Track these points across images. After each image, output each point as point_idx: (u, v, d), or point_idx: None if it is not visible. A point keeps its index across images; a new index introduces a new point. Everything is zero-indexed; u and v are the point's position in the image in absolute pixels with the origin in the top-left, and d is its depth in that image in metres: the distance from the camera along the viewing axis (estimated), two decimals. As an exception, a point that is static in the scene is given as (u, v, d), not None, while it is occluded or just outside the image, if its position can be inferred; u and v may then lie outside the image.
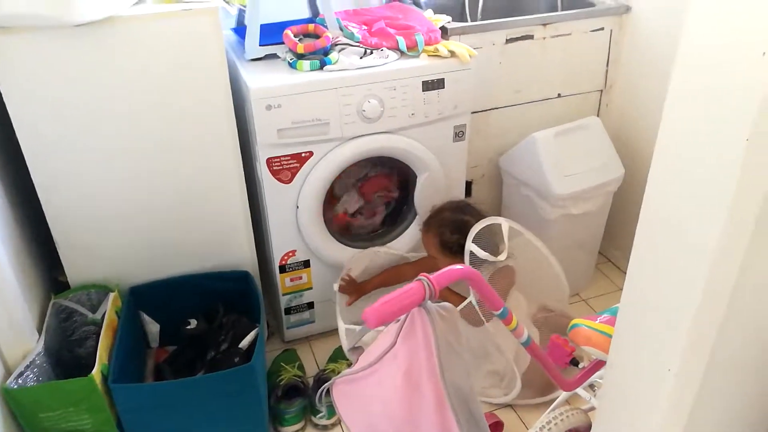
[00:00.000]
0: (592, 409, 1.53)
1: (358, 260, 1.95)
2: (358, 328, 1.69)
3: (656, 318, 0.86)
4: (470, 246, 1.61)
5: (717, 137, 0.72)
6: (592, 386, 1.56)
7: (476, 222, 1.68)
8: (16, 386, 1.42)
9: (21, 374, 1.45)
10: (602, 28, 2.14)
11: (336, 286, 1.90)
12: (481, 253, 1.61)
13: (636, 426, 0.93)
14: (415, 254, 2.02)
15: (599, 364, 1.45)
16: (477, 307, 1.56)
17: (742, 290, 0.79)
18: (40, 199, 1.59)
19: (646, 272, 0.88)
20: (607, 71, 2.24)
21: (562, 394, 1.56)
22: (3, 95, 1.45)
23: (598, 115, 2.28)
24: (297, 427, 1.77)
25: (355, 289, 1.94)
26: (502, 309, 1.12)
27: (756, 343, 0.90)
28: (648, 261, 0.87)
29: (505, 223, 1.72)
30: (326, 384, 1.17)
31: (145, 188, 1.67)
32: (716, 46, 0.71)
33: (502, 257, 1.66)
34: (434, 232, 1.78)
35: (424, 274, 0.98)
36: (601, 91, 2.28)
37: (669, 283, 0.83)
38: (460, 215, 1.78)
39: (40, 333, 1.58)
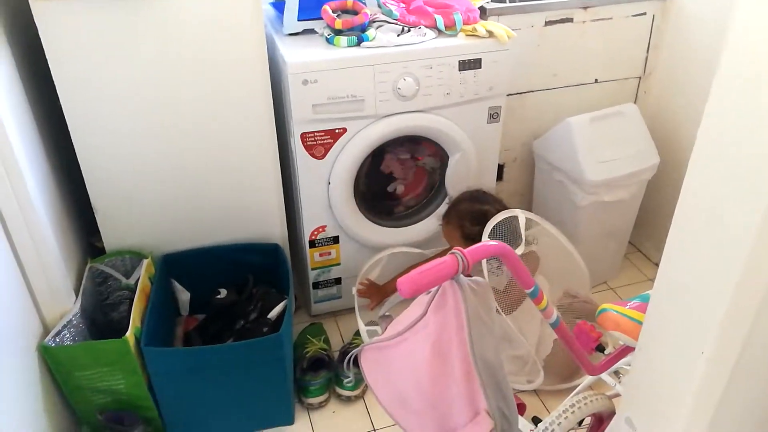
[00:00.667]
0: (616, 395, 1.52)
1: (375, 263, 1.96)
2: (378, 328, 1.72)
3: (691, 302, 0.86)
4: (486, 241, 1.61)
5: (763, 124, 0.71)
6: (617, 373, 1.55)
7: (495, 210, 1.70)
8: (53, 344, 1.47)
9: (58, 333, 1.50)
10: (644, 13, 2.10)
11: (354, 290, 1.92)
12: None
13: (665, 410, 0.92)
14: (433, 249, 2.02)
15: (626, 350, 1.44)
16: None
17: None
18: (81, 166, 1.63)
19: (683, 256, 0.88)
20: (647, 58, 2.20)
21: (587, 379, 1.55)
22: (49, 62, 1.48)
23: (635, 103, 2.25)
24: (321, 398, 1.80)
25: (376, 291, 1.95)
26: (533, 287, 1.12)
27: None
28: (685, 245, 0.86)
29: (521, 215, 1.72)
30: (355, 350, 1.18)
31: (181, 158, 1.70)
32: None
33: (519, 251, 1.66)
34: (455, 224, 1.79)
35: (458, 248, 0.98)
36: (640, 78, 2.24)
37: (705, 267, 0.83)
38: (478, 205, 1.78)
39: (77, 295, 1.63)
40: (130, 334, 1.50)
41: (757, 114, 0.73)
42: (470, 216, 1.76)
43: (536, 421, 1.50)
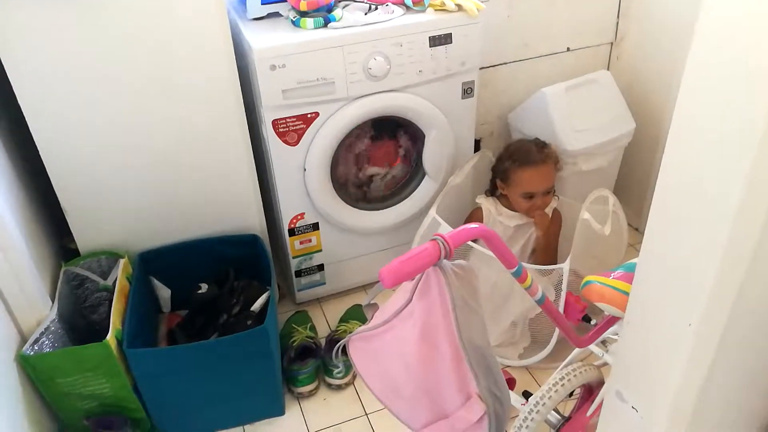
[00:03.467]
0: (605, 364, 1.54)
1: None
2: None
3: (676, 273, 0.85)
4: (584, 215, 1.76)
5: (743, 89, 0.70)
6: (604, 342, 1.56)
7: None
8: (32, 353, 1.44)
9: (36, 341, 1.46)
10: (613, -22, 2.08)
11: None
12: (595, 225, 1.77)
13: (655, 382, 0.92)
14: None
15: (612, 320, 1.44)
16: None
17: (764, 245, 0.78)
18: (46, 166, 1.58)
19: (666, 228, 0.87)
20: (617, 23, 2.18)
21: (575, 351, 1.56)
22: (2, 61, 1.42)
23: (608, 69, 2.23)
24: (310, 387, 1.79)
25: None
26: (516, 267, 1.10)
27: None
28: (669, 215, 0.85)
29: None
30: (342, 340, 1.17)
31: (151, 152, 1.65)
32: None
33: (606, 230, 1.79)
34: (552, 157, 1.88)
35: (439, 233, 0.96)
36: (612, 44, 2.22)
37: (690, 237, 0.82)
38: (528, 139, 1.94)
39: (53, 300, 1.59)
40: (111, 337, 1.47)
41: (735, 76, 0.71)
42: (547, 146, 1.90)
43: (527, 395, 1.51)
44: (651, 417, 0.95)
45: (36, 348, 1.46)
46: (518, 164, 1.85)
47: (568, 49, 2.16)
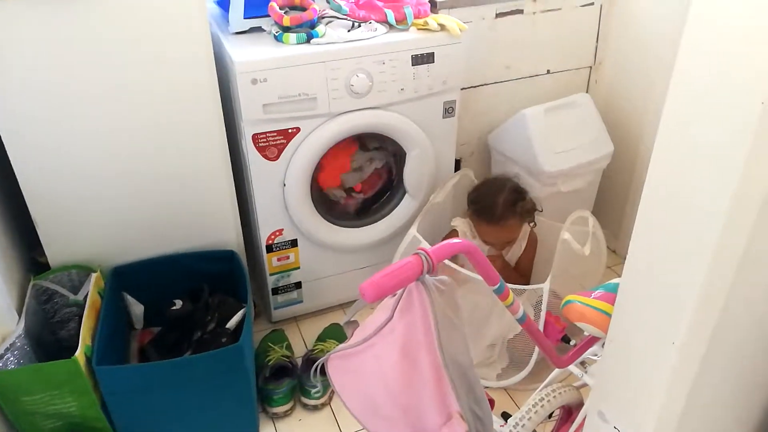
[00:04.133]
0: (584, 385, 1.53)
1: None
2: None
3: (660, 291, 0.85)
4: (565, 235, 1.74)
5: (730, 102, 0.70)
6: (583, 363, 1.55)
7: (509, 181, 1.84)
8: (-4, 369, 1.38)
9: (1, 357, 1.41)
10: (592, 3, 2.12)
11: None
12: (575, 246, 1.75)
13: (637, 400, 0.91)
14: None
15: (592, 341, 1.44)
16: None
17: (748, 263, 0.78)
18: (17, 174, 1.53)
19: (650, 245, 0.86)
20: (596, 47, 2.22)
21: (554, 372, 1.55)
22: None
23: (587, 92, 2.26)
24: (286, 407, 1.74)
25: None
26: (498, 284, 1.09)
27: (760, 314, 0.89)
28: (652, 233, 0.85)
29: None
30: (321, 359, 1.14)
31: (127, 165, 1.62)
32: (731, 7, 0.68)
33: (586, 250, 1.77)
34: (516, 216, 1.81)
35: (422, 247, 0.95)
36: (591, 67, 2.26)
37: (674, 255, 0.82)
38: (505, 186, 1.84)
39: (20, 315, 1.53)
40: (80, 353, 1.42)
41: (721, 89, 0.72)
42: (514, 194, 1.82)
43: (506, 416, 1.49)
44: (633, 437, 0.94)
45: (0, 365, 1.40)
46: (477, 215, 1.83)
47: (549, 72, 2.18)
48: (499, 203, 1.79)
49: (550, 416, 1.46)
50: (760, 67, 0.66)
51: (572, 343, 1.46)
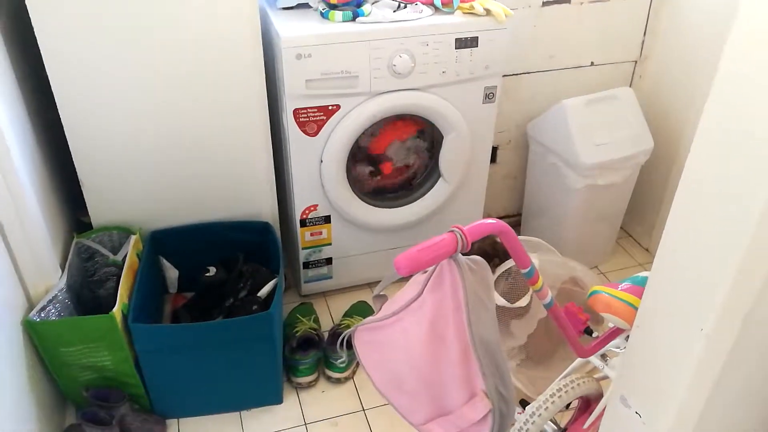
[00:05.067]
0: (604, 377, 1.53)
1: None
2: None
3: (691, 278, 0.85)
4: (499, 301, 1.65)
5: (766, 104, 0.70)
6: (603, 356, 1.55)
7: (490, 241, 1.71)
8: (38, 319, 1.44)
9: (43, 308, 1.47)
10: (642, -4, 2.08)
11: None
12: (501, 301, 1.65)
13: (662, 387, 0.92)
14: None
15: (616, 332, 1.44)
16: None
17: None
18: (68, 139, 1.59)
19: (684, 233, 0.86)
20: (643, 42, 2.18)
21: (575, 362, 1.55)
22: (37, 36, 1.43)
23: (630, 86, 2.23)
24: (310, 378, 1.78)
25: None
26: (529, 267, 1.10)
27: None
28: (687, 222, 0.85)
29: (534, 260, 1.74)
30: (348, 330, 1.17)
31: (171, 134, 1.66)
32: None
33: (522, 302, 1.68)
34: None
35: (457, 225, 0.96)
36: (636, 61, 2.23)
37: (707, 245, 0.82)
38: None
39: (62, 270, 1.60)
40: (117, 310, 1.48)
41: (763, 94, 0.71)
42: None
43: (524, 404, 1.50)
44: (655, 423, 0.94)
45: (42, 315, 1.46)
46: None
47: (593, 64, 2.16)
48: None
49: (567, 406, 1.47)
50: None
51: (594, 335, 1.46)
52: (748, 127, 0.74)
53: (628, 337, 1.14)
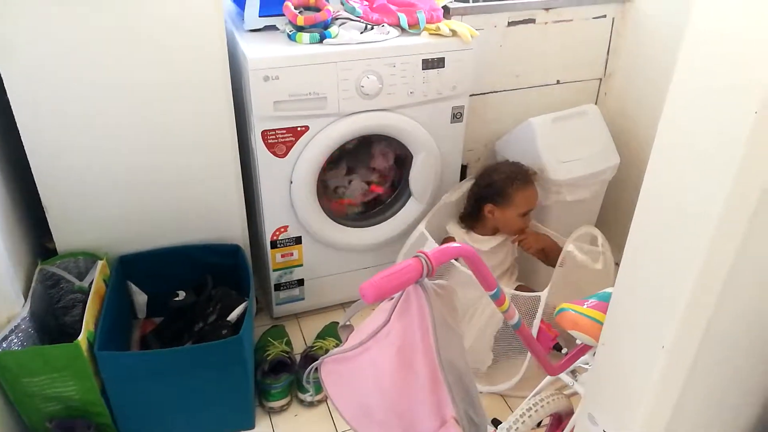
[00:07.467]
0: (574, 393, 1.54)
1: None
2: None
3: (651, 295, 0.86)
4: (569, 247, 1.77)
5: (724, 111, 0.72)
6: (574, 372, 1.56)
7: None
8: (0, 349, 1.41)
9: (5, 338, 1.43)
10: (604, 16, 2.13)
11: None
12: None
13: (627, 403, 0.93)
14: None
15: (584, 349, 1.44)
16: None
17: (739, 268, 0.79)
18: (30, 162, 1.56)
19: (643, 250, 0.88)
20: (607, 60, 2.23)
21: (545, 379, 1.56)
22: (-5, 54, 1.41)
23: (596, 104, 2.27)
24: (282, 402, 1.76)
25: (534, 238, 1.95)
26: (495, 289, 1.11)
27: (749, 318, 0.90)
28: (646, 238, 0.87)
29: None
30: (315, 363, 1.15)
31: (137, 157, 1.65)
32: (726, 18, 0.70)
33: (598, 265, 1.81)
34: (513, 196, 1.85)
35: (422, 250, 0.97)
36: (600, 79, 2.27)
37: (665, 261, 0.83)
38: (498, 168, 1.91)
39: (25, 298, 1.56)
40: (82, 338, 1.45)
41: (716, 98, 0.73)
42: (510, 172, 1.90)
43: (496, 423, 1.50)
44: (622, 441, 0.95)
45: (4, 345, 1.43)
46: (521, 183, 1.87)
47: (558, 82, 2.20)
48: (523, 167, 1.90)
49: (538, 424, 1.47)
50: (753, 77, 0.67)
51: (564, 351, 1.47)
52: (700, 140, 0.76)
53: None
